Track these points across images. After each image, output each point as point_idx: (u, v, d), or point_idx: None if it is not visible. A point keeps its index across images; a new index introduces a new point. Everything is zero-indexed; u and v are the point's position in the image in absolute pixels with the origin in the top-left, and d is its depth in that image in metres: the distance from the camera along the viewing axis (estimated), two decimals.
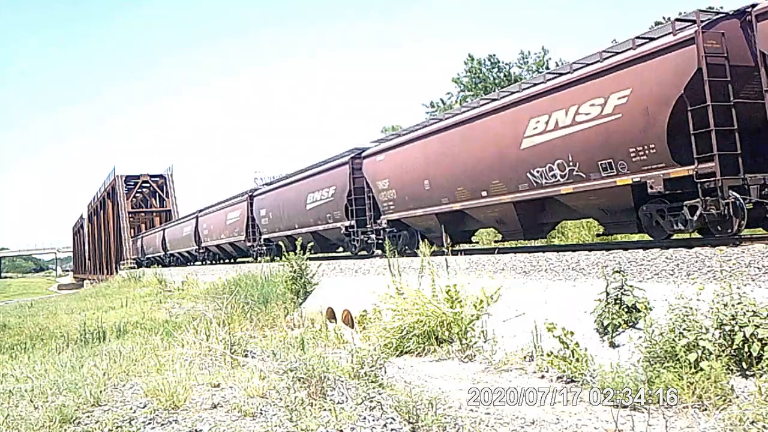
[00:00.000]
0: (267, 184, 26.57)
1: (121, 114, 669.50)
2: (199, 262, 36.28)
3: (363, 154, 17.06)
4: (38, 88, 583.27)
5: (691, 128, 8.29)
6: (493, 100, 12.38)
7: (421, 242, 15.20)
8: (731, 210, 8.11)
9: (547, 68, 34.06)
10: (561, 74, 10.66)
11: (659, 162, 8.79)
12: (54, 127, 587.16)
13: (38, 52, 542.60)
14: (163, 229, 46.17)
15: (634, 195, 9.46)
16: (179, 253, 40.81)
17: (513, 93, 11.78)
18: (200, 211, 35.50)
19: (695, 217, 8.58)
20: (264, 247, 24.97)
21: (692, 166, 8.39)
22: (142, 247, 53.73)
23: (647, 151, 8.90)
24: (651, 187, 8.91)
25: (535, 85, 11.21)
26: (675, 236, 9.45)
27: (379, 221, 16.42)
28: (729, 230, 8.28)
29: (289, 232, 21.73)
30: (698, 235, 9.83)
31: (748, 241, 8.37)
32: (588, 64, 10.12)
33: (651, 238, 9.83)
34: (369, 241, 16.97)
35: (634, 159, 9.10)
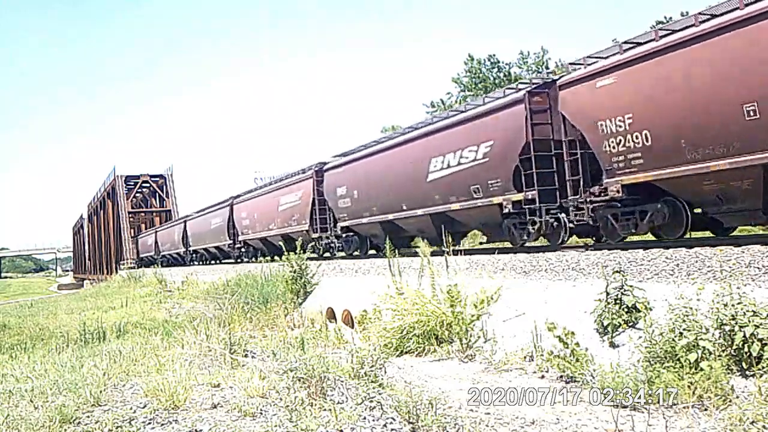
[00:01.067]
0: (343, 155, 18.80)
1: (121, 114, 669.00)
2: (233, 261, 29.11)
3: (559, 81, 10.62)
4: (38, 88, 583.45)
5: None
6: None
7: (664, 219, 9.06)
8: None
9: (547, 68, 34.11)
10: None
11: None
12: (54, 127, 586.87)
13: (38, 52, 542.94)
14: (184, 221, 38.42)
15: None
16: (205, 249, 33.45)
17: None
18: (236, 197, 28.25)
19: None
20: (338, 240, 18.54)
21: None
22: (156, 243, 46.11)
23: None
24: None
25: None
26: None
27: (595, 189, 10.10)
28: None
29: (390, 216, 15.52)
30: None
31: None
32: None
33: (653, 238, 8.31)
34: (557, 224, 10.87)
35: None
